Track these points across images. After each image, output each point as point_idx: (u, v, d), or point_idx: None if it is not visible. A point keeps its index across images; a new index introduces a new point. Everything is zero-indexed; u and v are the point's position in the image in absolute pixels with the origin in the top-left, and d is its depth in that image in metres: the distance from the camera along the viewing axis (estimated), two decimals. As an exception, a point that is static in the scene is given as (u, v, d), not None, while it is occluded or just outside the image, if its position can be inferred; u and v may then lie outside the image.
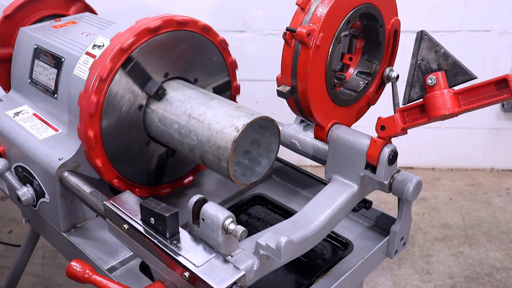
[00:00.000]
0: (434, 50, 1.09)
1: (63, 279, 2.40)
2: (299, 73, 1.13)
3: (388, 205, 2.84)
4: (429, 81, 1.06)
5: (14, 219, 2.79)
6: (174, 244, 1.01)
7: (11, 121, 1.46)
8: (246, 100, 1.43)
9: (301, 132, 1.37)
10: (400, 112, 1.13)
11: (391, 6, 1.25)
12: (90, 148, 1.23)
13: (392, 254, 1.32)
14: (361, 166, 1.18)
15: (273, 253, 0.99)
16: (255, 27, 2.91)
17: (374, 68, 1.29)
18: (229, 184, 1.54)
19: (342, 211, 1.19)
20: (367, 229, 1.42)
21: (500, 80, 0.99)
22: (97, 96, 1.19)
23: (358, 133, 1.20)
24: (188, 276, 0.96)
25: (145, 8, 2.79)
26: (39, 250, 2.51)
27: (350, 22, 1.16)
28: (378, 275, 2.44)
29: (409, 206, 1.25)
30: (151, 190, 1.40)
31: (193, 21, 1.31)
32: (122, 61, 1.21)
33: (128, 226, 1.07)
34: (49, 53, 1.41)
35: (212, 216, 0.98)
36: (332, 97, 1.21)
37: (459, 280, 2.41)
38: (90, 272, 1.07)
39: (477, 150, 3.25)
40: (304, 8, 1.12)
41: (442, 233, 2.72)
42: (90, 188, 1.23)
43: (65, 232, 1.37)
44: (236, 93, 1.49)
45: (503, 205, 2.95)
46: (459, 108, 1.04)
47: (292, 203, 1.52)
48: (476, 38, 2.93)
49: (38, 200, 1.40)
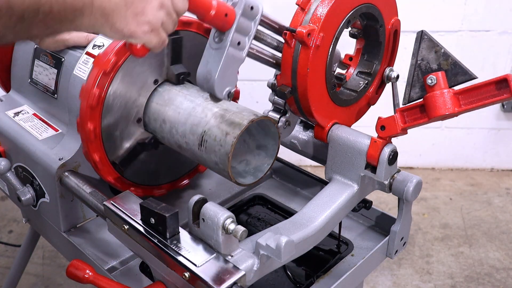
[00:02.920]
0: (434, 50, 1.09)
1: (63, 279, 2.40)
2: (299, 73, 1.13)
3: (388, 205, 2.84)
4: (429, 81, 1.06)
5: (14, 219, 2.79)
6: (174, 244, 1.01)
7: (11, 121, 1.46)
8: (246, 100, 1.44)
9: (301, 132, 1.37)
10: (400, 112, 1.13)
11: (391, 6, 1.25)
12: (89, 142, 1.23)
13: (392, 254, 1.32)
14: (361, 166, 1.18)
15: (273, 253, 0.99)
16: (255, 27, 2.90)
17: (374, 68, 1.29)
18: (229, 184, 1.54)
19: (342, 211, 1.19)
20: (367, 229, 1.42)
21: (500, 80, 0.99)
22: (99, 89, 1.19)
23: (358, 133, 1.20)
24: (188, 276, 0.96)
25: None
26: (39, 250, 2.51)
27: (350, 22, 1.16)
28: (378, 275, 2.44)
29: (409, 206, 1.25)
30: (147, 190, 1.40)
31: (197, 22, 1.31)
32: (126, 56, 1.20)
33: (128, 226, 1.07)
34: (49, 53, 1.41)
35: (212, 216, 0.98)
36: (332, 97, 1.21)
37: (459, 280, 2.41)
38: (90, 272, 1.07)
39: (477, 150, 3.25)
40: (304, 8, 1.12)
41: (442, 233, 2.72)
42: (90, 188, 1.23)
43: (65, 232, 1.37)
44: (236, 97, 1.49)
45: (503, 205, 2.95)
46: (459, 108, 1.04)
47: (292, 203, 1.52)
48: (476, 38, 2.93)
49: (38, 200, 1.39)
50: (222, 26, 1.02)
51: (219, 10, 0.99)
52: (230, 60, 1.04)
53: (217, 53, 1.04)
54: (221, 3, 1.00)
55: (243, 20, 1.03)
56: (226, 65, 1.04)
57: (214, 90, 1.05)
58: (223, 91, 1.07)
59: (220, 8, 0.99)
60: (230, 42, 1.03)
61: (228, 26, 1.02)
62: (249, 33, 1.06)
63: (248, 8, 1.03)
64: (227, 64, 1.04)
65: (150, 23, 0.87)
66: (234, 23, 1.02)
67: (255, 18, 1.05)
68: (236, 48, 1.04)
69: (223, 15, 1.00)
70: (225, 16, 1.00)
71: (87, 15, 0.82)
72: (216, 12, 0.99)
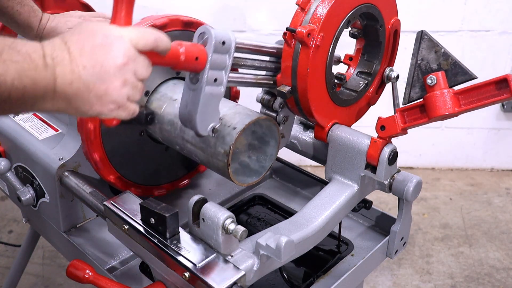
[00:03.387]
0: (434, 50, 1.09)
1: (63, 279, 2.40)
2: (299, 73, 1.13)
3: (388, 205, 2.85)
4: (429, 81, 1.06)
5: (14, 219, 2.79)
6: (174, 244, 1.01)
7: (11, 121, 1.46)
8: (246, 100, 1.44)
9: (301, 132, 1.37)
10: (400, 112, 1.13)
11: (391, 6, 1.25)
12: (89, 141, 1.23)
13: (392, 254, 1.32)
14: (361, 166, 1.18)
15: (273, 253, 0.99)
16: (255, 27, 2.91)
17: (374, 68, 1.29)
18: (229, 184, 1.54)
19: (342, 211, 1.19)
20: (367, 229, 1.42)
21: (500, 80, 0.99)
22: None
23: (358, 133, 1.20)
24: (188, 276, 0.96)
25: (145, 8, 2.79)
26: (39, 250, 2.51)
27: (350, 22, 1.16)
28: (378, 275, 2.44)
29: (409, 206, 1.25)
30: (147, 190, 1.40)
31: (198, 23, 1.31)
32: None
33: (128, 226, 1.07)
34: (49, 53, 1.41)
35: (212, 216, 0.98)
36: (332, 97, 1.21)
37: (459, 280, 2.41)
38: (90, 272, 1.07)
39: (477, 150, 3.25)
40: (304, 8, 1.12)
41: (442, 233, 2.72)
42: (90, 188, 1.23)
43: (65, 232, 1.37)
44: (236, 97, 1.49)
45: (503, 205, 2.95)
46: (459, 108, 1.04)
47: (292, 203, 1.52)
48: (476, 38, 2.93)
49: (38, 200, 1.40)
50: (195, 68, 1.00)
51: (188, 56, 0.96)
52: (208, 99, 1.03)
53: (195, 94, 1.03)
54: (189, 48, 0.97)
55: (216, 56, 1.00)
56: (206, 104, 1.03)
57: (197, 130, 1.05)
58: (207, 129, 1.06)
59: (188, 53, 0.96)
60: (206, 82, 1.01)
61: (202, 67, 0.99)
62: (225, 67, 1.03)
63: (220, 44, 1.00)
64: (206, 103, 1.03)
65: (115, 102, 0.85)
66: (207, 63, 0.99)
67: (229, 51, 1.02)
68: (213, 85, 1.02)
69: (193, 59, 0.97)
70: (196, 59, 0.97)
71: (48, 100, 0.80)
72: (186, 57, 0.96)
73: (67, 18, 1.36)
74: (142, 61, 0.87)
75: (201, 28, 1.01)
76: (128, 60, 0.84)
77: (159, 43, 0.88)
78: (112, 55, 0.82)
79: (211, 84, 1.02)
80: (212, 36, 0.99)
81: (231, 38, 1.02)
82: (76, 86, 0.81)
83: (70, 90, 0.81)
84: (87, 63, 0.81)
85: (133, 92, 0.87)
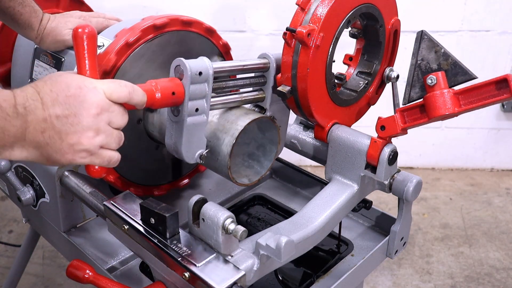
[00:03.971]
0: (434, 50, 1.09)
1: (63, 279, 2.40)
2: (299, 73, 1.13)
3: (388, 205, 2.85)
4: (429, 81, 1.06)
5: (14, 219, 2.79)
6: (174, 244, 1.01)
7: (11, 121, 1.46)
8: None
9: (301, 132, 1.37)
10: (400, 112, 1.13)
11: (391, 6, 1.25)
12: None
13: (392, 254, 1.32)
14: (361, 166, 1.18)
15: (273, 253, 0.99)
16: (255, 27, 2.91)
17: (374, 68, 1.29)
18: (229, 184, 1.54)
19: (342, 211, 1.19)
20: (367, 229, 1.42)
21: (500, 80, 0.99)
22: None
23: (358, 133, 1.20)
24: (188, 276, 0.96)
25: (145, 8, 2.79)
26: (39, 250, 2.51)
27: (350, 22, 1.16)
28: (378, 275, 2.44)
29: (409, 206, 1.25)
30: (147, 190, 1.40)
31: (198, 22, 1.31)
32: (126, 56, 1.20)
33: (128, 226, 1.07)
34: (49, 53, 1.41)
35: (212, 216, 0.98)
36: (332, 97, 1.21)
37: (459, 280, 2.41)
38: (90, 272, 1.07)
39: (477, 150, 3.25)
40: (304, 8, 1.12)
41: (442, 233, 2.72)
42: (90, 188, 1.23)
43: (65, 232, 1.37)
44: None
45: (503, 205, 2.95)
46: (459, 108, 1.04)
47: (292, 203, 1.52)
48: (476, 38, 2.93)
49: (38, 200, 1.40)
50: (174, 103, 0.99)
51: (164, 92, 0.96)
52: (192, 129, 1.03)
53: (178, 126, 1.03)
54: (163, 84, 0.97)
55: (194, 87, 1.00)
56: (190, 133, 1.03)
57: (184, 159, 1.07)
58: (194, 156, 1.07)
59: (164, 89, 0.96)
60: (187, 114, 1.01)
61: (180, 100, 0.99)
62: (205, 96, 1.03)
63: (196, 75, 0.99)
64: (190, 133, 1.03)
65: (87, 150, 0.86)
66: (185, 96, 0.99)
67: (207, 79, 1.02)
68: (195, 115, 1.02)
69: (170, 94, 0.97)
70: (173, 94, 0.97)
71: (17, 148, 0.81)
72: (162, 94, 0.96)
73: (67, 18, 1.36)
74: (117, 111, 0.88)
75: (176, 61, 1.01)
76: (101, 110, 0.85)
77: (134, 96, 0.90)
78: (85, 105, 0.84)
79: (193, 115, 1.02)
80: (188, 68, 0.99)
81: (208, 67, 1.01)
82: (48, 134, 0.82)
83: (41, 139, 0.82)
84: (60, 112, 0.82)
85: (108, 140, 0.88)
